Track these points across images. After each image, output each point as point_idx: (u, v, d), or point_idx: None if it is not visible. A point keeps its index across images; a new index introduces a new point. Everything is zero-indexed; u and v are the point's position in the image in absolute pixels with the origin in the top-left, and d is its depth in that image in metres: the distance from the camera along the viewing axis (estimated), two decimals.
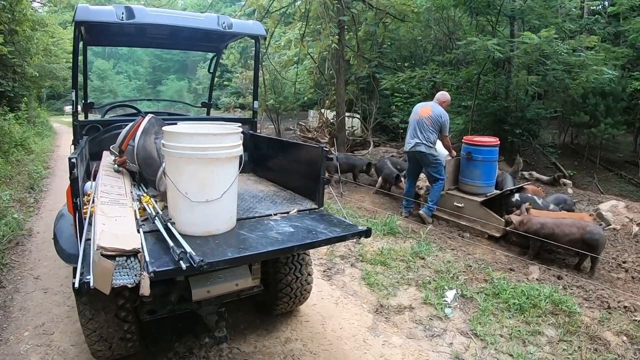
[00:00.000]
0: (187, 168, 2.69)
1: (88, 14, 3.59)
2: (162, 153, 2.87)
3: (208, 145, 2.68)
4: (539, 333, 4.08)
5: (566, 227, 5.77)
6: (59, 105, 47.97)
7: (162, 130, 3.54)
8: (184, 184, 2.70)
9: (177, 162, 2.72)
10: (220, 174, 2.76)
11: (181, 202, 2.72)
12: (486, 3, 12.93)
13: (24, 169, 10.96)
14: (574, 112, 14.89)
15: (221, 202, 2.76)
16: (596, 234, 5.59)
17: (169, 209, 2.90)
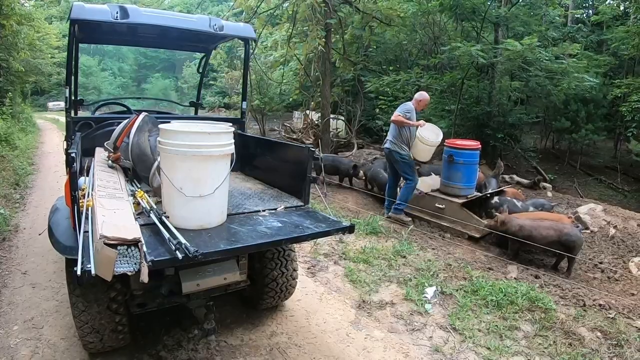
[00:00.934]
0: (182, 164, 2.82)
1: (84, 12, 3.64)
2: (158, 150, 2.98)
3: (203, 143, 2.81)
4: (515, 328, 4.24)
5: (544, 229, 5.94)
6: (42, 102, 47.38)
7: (155, 128, 3.66)
8: (179, 179, 2.82)
9: (173, 159, 2.84)
10: (213, 170, 2.89)
11: (176, 197, 2.84)
12: (471, 9, 13.12)
13: (9, 165, 10.87)
14: (555, 118, 15.18)
15: (214, 197, 2.88)
16: (573, 236, 5.78)
17: (164, 203, 3.02)
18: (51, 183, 9.82)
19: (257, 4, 11.32)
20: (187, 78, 48.75)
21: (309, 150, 3.50)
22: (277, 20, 12.98)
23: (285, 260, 3.97)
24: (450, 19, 14.60)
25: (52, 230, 3.15)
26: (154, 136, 3.64)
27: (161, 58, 57.92)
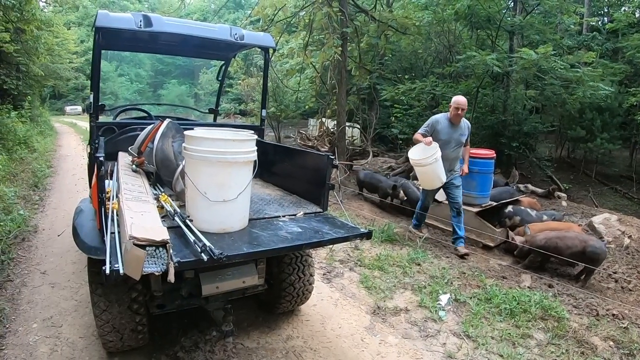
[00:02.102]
0: (207, 170, 2.90)
1: (108, 20, 3.72)
2: (184, 155, 3.06)
3: (228, 150, 2.89)
4: (528, 336, 4.26)
5: (569, 240, 5.94)
6: (60, 106, 47.92)
7: (178, 134, 3.75)
8: (204, 184, 2.90)
9: (198, 164, 2.92)
10: (237, 176, 2.96)
11: (200, 201, 2.92)
12: (486, 18, 13.16)
13: (28, 167, 11.07)
14: (570, 127, 15.09)
15: (237, 202, 2.96)
16: (598, 249, 5.77)
17: (187, 207, 3.10)
18: (69, 186, 9.98)
19: (274, 13, 11.41)
20: (204, 84, 49.06)
21: (328, 158, 3.56)
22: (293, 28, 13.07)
23: (302, 266, 4.04)
24: (465, 28, 14.66)
25: (77, 231, 3.21)
26: (177, 142, 3.72)
27: (177, 64, 58.43)
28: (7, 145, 11.63)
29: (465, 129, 6.80)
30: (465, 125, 6.81)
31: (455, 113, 6.61)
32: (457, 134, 6.72)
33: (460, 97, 6.68)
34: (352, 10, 11.90)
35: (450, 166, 6.77)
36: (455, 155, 6.82)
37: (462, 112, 6.61)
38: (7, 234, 6.10)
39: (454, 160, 6.82)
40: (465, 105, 6.66)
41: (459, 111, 6.59)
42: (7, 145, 11.69)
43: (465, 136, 6.80)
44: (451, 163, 6.80)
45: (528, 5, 14.15)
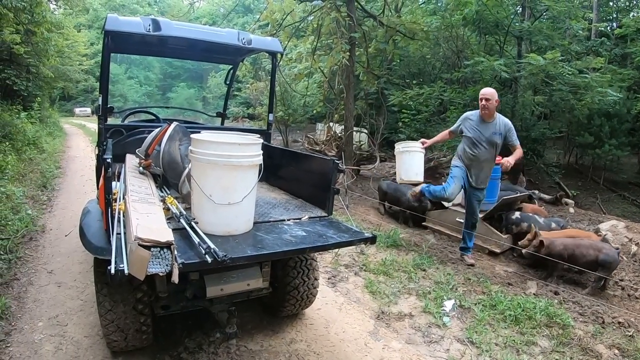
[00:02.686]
0: (213, 173, 2.93)
1: (118, 24, 3.76)
2: (190, 158, 3.09)
3: (233, 153, 2.93)
4: (533, 343, 4.25)
5: (584, 248, 5.89)
6: (69, 107, 48.24)
7: (185, 137, 3.78)
8: (210, 187, 2.93)
9: (204, 167, 2.96)
10: (242, 179, 2.99)
11: (205, 204, 2.95)
12: (494, 23, 13.17)
13: (37, 168, 11.16)
14: (578, 133, 15.04)
15: (242, 205, 2.99)
16: (611, 257, 5.72)
17: (193, 209, 3.13)
18: (77, 186, 10.05)
19: (283, 17, 11.45)
20: (212, 88, 49.23)
21: (334, 162, 3.58)
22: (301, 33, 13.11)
23: (307, 269, 4.05)
24: (473, 33, 14.65)
25: (84, 231, 3.24)
26: (184, 145, 3.75)
27: (186, 68, 58.64)
28: (16, 145, 11.73)
29: (502, 128, 6.07)
30: (501, 123, 6.10)
31: (481, 105, 6.05)
32: (488, 133, 6.08)
33: (486, 88, 6.19)
34: (360, 15, 11.92)
35: (479, 172, 6.26)
36: (486, 158, 6.18)
37: (488, 102, 5.95)
38: (15, 233, 6.15)
39: (484, 164, 6.23)
40: (492, 94, 5.99)
41: (484, 102, 5.98)
42: (17, 145, 11.80)
43: (499, 136, 6.07)
44: (481, 168, 6.25)
45: (536, 11, 14.15)
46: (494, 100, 5.99)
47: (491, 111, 6.03)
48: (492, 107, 6.00)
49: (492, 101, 5.96)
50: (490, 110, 6.01)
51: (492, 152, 6.18)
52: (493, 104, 5.99)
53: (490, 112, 6.03)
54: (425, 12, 15.47)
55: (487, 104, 5.97)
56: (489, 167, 6.31)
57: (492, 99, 5.95)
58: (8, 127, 12.02)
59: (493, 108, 6.02)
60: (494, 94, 6.01)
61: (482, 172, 6.28)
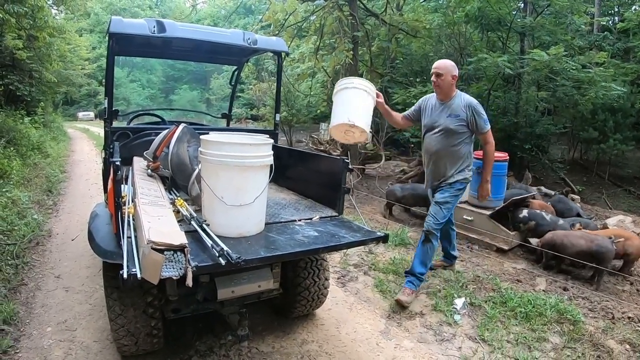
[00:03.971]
0: (224, 174, 2.91)
1: (122, 26, 3.75)
2: (200, 160, 3.08)
3: (245, 154, 2.91)
4: (544, 340, 4.22)
5: (574, 238, 5.95)
6: (72, 112, 48.38)
7: (194, 139, 3.77)
8: (220, 188, 2.91)
9: (215, 169, 2.94)
10: (253, 180, 2.97)
11: (217, 205, 2.93)
12: (497, 20, 13.13)
13: (42, 172, 11.16)
14: (583, 128, 15.00)
15: (253, 206, 2.97)
16: (603, 247, 5.75)
17: (204, 211, 3.11)
18: (83, 190, 10.06)
19: (285, 18, 11.45)
20: (215, 90, 49.31)
21: (344, 161, 3.56)
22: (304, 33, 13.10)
23: (317, 270, 4.03)
24: (475, 30, 14.60)
25: (93, 235, 3.23)
26: (192, 147, 3.74)
27: (189, 70, 58.83)
28: (21, 150, 11.75)
29: (460, 109, 4.70)
30: (460, 104, 4.72)
31: (432, 82, 4.83)
32: (443, 116, 4.79)
33: (439, 60, 4.94)
34: (362, 14, 11.94)
35: (436, 168, 4.95)
36: (437, 150, 4.85)
37: (438, 78, 4.70)
38: (22, 238, 6.14)
39: (439, 158, 4.88)
40: (444, 67, 4.70)
41: (434, 77, 4.75)
42: (21, 150, 11.81)
43: (456, 119, 4.71)
44: (436, 162, 4.94)
45: (538, 6, 14.11)
46: (449, 76, 4.68)
47: (444, 89, 4.75)
48: (446, 84, 4.72)
49: (444, 76, 4.68)
50: (443, 87, 4.75)
51: (448, 143, 4.79)
52: (448, 80, 4.69)
53: (444, 90, 4.77)
54: (426, 10, 15.45)
55: (437, 80, 4.73)
56: (444, 164, 4.88)
57: (444, 73, 4.67)
58: (12, 133, 12.04)
59: (447, 85, 4.72)
60: (447, 66, 4.72)
61: (438, 166, 4.94)
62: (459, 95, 4.79)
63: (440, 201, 4.88)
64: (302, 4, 11.77)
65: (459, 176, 4.89)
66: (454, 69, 4.72)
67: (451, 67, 4.72)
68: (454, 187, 4.90)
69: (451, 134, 4.74)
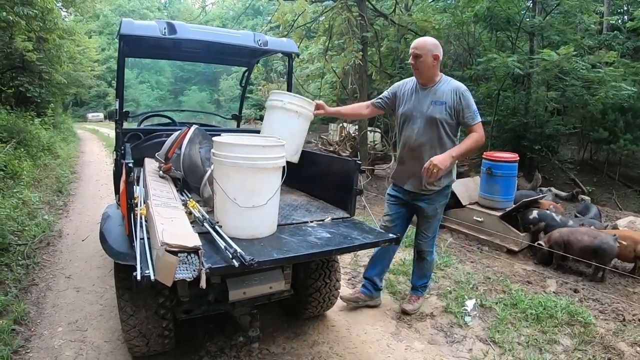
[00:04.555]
0: (237, 176, 2.91)
1: (133, 28, 3.75)
2: (212, 161, 3.08)
3: (258, 156, 2.90)
4: (555, 342, 4.20)
5: (579, 234, 6.00)
6: (82, 113, 48.64)
7: (205, 140, 3.78)
8: (233, 190, 2.91)
9: (228, 170, 2.93)
10: (266, 182, 2.97)
11: (229, 207, 2.93)
12: (506, 19, 13.09)
13: (52, 173, 11.22)
14: (593, 128, 14.90)
15: (266, 208, 2.97)
16: (605, 244, 5.78)
17: (216, 213, 3.11)
18: (93, 191, 10.11)
19: (294, 19, 11.46)
20: (224, 91, 49.38)
21: (356, 162, 3.55)
22: (312, 33, 13.10)
23: (329, 271, 4.03)
24: (484, 30, 14.55)
25: (105, 236, 3.23)
26: (204, 148, 3.75)
27: (197, 71, 58.93)
28: (31, 151, 11.81)
29: (446, 95, 3.95)
30: (447, 89, 3.97)
31: (411, 65, 4.06)
32: (425, 104, 4.02)
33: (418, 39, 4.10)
34: (371, 15, 11.91)
35: (417, 167, 3.98)
36: (421, 143, 4.05)
37: (417, 60, 3.95)
38: (32, 239, 6.17)
39: (422, 154, 4.03)
40: (423, 46, 3.94)
41: (412, 59, 4.00)
42: (32, 151, 11.87)
43: (442, 107, 3.95)
44: (418, 160, 4.04)
45: (547, 6, 14.05)
46: (430, 56, 3.91)
47: (424, 72, 3.99)
48: (426, 67, 3.95)
49: (423, 57, 3.92)
50: (423, 71, 3.99)
51: (432, 135, 4.02)
52: (428, 62, 3.93)
53: (424, 74, 4.01)
54: (435, 10, 15.40)
55: (416, 63, 3.98)
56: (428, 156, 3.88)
57: (423, 53, 3.91)
58: (23, 134, 12.10)
59: (428, 67, 3.96)
60: (427, 45, 3.94)
61: (416, 166, 4.02)
62: (445, 80, 4.06)
63: (430, 214, 4.28)
64: (311, 4, 11.77)
65: (447, 179, 4.20)
66: (435, 48, 3.93)
67: (432, 45, 3.93)
68: (442, 193, 4.26)
69: (436, 125, 3.97)
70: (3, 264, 5.24)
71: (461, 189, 7.83)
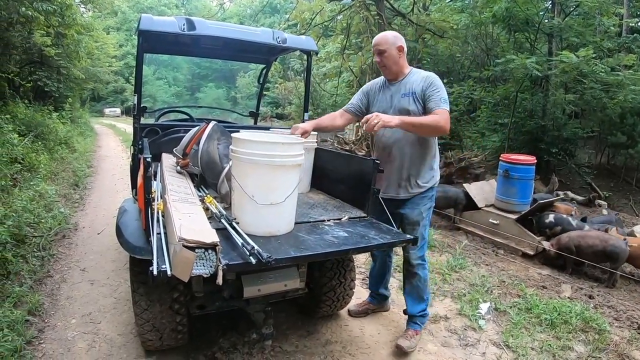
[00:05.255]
0: (255, 173, 2.89)
1: (152, 24, 3.77)
2: (231, 158, 3.08)
3: (276, 153, 2.88)
4: (569, 348, 4.16)
5: (590, 239, 6.01)
6: (99, 108, 49.02)
7: (224, 137, 3.77)
8: (251, 187, 2.89)
9: (246, 167, 2.92)
10: (284, 179, 2.95)
11: (247, 204, 2.91)
12: (525, 20, 12.97)
13: (69, 167, 11.35)
14: (611, 132, 14.68)
15: (284, 205, 2.95)
16: (617, 247, 5.79)
17: (234, 209, 3.10)
18: (109, 185, 10.19)
19: (312, 17, 11.46)
20: (241, 88, 49.49)
21: (374, 162, 3.51)
22: (330, 32, 13.10)
23: (344, 270, 4.02)
24: (503, 31, 14.44)
25: (121, 230, 3.24)
26: (222, 144, 3.74)
27: (215, 68, 59.15)
28: (48, 145, 11.92)
29: (416, 84, 3.65)
30: (416, 79, 3.69)
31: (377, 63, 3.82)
32: (396, 98, 3.76)
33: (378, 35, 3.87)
34: (389, 14, 11.89)
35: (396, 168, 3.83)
36: (397, 140, 3.76)
37: (382, 57, 3.71)
38: (48, 231, 6.23)
39: (400, 154, 3.79)
40: (384, 41, 3.72)
41: (376, 57, 3.79)
42: (49, 145, 11.99)
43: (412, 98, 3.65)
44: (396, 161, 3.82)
45: (567, 7, 13.90)
46: (394, 49, 3.69)
47: (390, 67, 3.76)
48: (392, 60, 3.73)
49: (387, 52, 3.70)
50: (389, 66, 3.75)
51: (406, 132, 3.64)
52: (393, 55, 3.71)
53: (391, 69, 3.77)
54: (453, 10, 15.33)
55: (381, 59, 3.74)
56: (407, 162, 3.76)
57: (386, 48, 3.70)
58: (40, 127, 12.21)
59: (394, 61, 3.73)
60: (388, 39, 3.72)
61: (398, 169, 3.82)
62: (416, 72, 3.78)
63: (414, 220, 3.84)
64: (329, 3, 11.77)
65: (429, 179, 3.86)
66: (397, 40, 3.70)
67: (393, 38, 3.71)
68: (426, 196, 3.87)
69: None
70: (19, 255, 5.28)
71: (477, 192, 7.79)
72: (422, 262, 3.94)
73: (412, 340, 3.98)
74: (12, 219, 5.73)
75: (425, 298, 4.06)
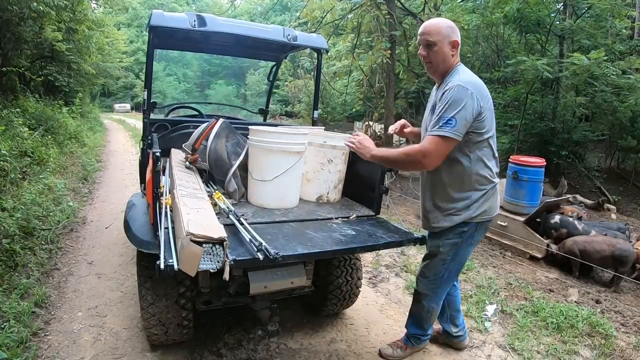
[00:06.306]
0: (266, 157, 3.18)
1: (163, 19, 3.77)
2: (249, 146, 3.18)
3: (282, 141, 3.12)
4: (574, 352, 4.13)
5: (597, 244, 5.97)
6: (109, 103, 49.27)
7: (232, 134, 3.79)
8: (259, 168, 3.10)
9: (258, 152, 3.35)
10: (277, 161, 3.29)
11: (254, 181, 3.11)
12: (536, 22, 12.90)
13: (78, 161, 11.40)
14: (621, 136, 14.59)
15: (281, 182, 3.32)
16: (626, 250, 5.78)
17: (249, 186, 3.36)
18: (118, 180, 10.24)
19: (322, 15, 11.45)
20: (251, 85, 49.56)
21: None
22: (340, 31, 13.08)
23: (350, 269, 4.01)
24: (514, 32, 14.37)
25: (129, 224, 3.27)
26: (230, 142, 3.75)
27: (224, 65, 59.24)
28: (58, 139, 11.99)
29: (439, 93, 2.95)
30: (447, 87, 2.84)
31: (422, 57, 3.06)
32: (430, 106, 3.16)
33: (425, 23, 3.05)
34: (400, 13, 11.86)
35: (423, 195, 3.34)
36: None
37: (430, 52, 2.93)
38: (56, 224, 6.26)
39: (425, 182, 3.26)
40: (436, 31, 2.90)
41: (422, 50, 3.01)
42: (59, 139, 12.06)
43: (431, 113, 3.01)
44: (422, 192, 3.34)
45: (578, 9, 13.81)
46: (447, 43, 2.91)
47: (438, 65, 2.98)
48: (441, 58, 2.95)
49: (438, 47, 2.91)
50: (437, 63, 2.98)
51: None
52: (443, 52, 2.92)
53: (437, 68, 3.00)
54: (464, 10, 15.24)
55: (429, 54, 2.98)
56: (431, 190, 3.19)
57: (438, 40, 2.90)
58: (50, 122, 12.29)
59: (442, 59, 2.95)
60: (442, 28, 2.92)
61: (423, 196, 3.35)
62: (456, 72, 2.95)
63: (432, 251, 3.33)
64: (340, 1, 11.75)
65: (458, 214, 3.08)
66: (452, 32, 2.92)
67: (448, 29, 2.92)
68: (453, 231, 3.15)
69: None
70: (27, 248, 5.32)
71: None
72: (429, 295, 3.45)
73: (395, 350, 3.76)
74: (21, 212, 5.78)
75: (425, 328, 3.68)
